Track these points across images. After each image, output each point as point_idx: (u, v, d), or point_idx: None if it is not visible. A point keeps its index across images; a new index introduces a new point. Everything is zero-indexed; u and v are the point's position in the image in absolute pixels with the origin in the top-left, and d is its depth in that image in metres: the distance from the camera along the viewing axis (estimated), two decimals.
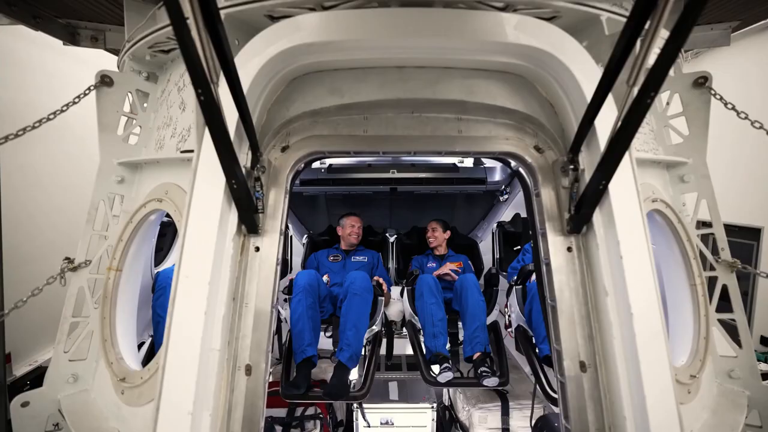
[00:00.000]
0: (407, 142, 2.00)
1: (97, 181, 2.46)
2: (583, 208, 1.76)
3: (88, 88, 2.37)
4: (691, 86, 2.40)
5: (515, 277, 3.64)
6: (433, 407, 3.84)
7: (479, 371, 3.21)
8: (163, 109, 2.51)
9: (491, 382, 3.16)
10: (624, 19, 1.42)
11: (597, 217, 1.77)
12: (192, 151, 1.78)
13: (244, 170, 1.79)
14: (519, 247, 4.34)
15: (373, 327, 3.70)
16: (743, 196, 6.45)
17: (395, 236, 4.82)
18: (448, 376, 3.23)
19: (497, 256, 4.27)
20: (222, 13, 1.46)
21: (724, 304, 2.46)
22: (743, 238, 6.48)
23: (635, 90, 1.31)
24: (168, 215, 2.32)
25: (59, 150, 5.04)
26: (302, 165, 2.26)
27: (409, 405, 3.84)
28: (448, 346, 3.59)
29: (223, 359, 1.80)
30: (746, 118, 2.28)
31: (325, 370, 4.25)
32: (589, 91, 1.73)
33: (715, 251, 2.50)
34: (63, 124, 3.11)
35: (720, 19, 3.05)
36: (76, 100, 2.31)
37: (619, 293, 1.68)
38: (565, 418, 1.89)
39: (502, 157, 2.32)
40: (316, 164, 4.55)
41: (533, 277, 3.58)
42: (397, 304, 4.29)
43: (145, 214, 2.32)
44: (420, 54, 1.91)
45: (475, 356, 3.34)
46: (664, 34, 1.11)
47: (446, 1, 1.76)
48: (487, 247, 4.80)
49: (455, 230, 4.76)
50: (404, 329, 4.25)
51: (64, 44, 3.12)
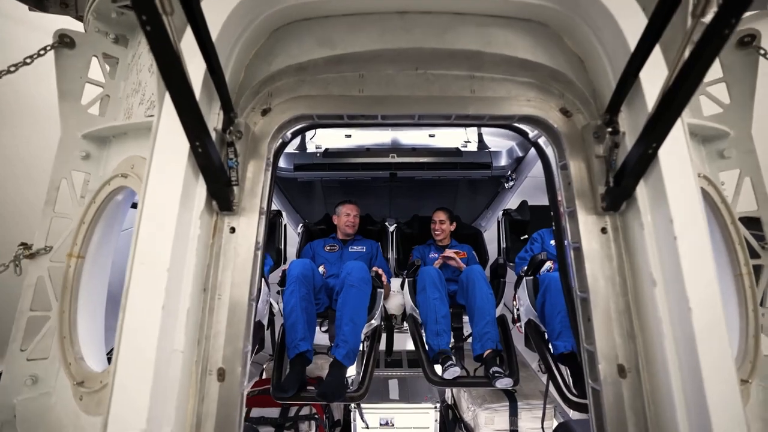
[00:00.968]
0: (410, 104, 1.65)
1: (57, 156, 2.11)
2: (624, 180, 1.42)
3: (44, 48, 2.02)
4: (734, 46, 2.05)
5: (525, 268, 3.30)
6: (436, 407, 3.53)
7: (491, 371, 2.88)
8: (132, 75, 2.16)
9: (504, 383, 2.83)
10: None
11: (641, 190, 1.43)
12: None
13: (214, 134, 1.45)
14: (526, 236, 4.00)
15: (372, 321, 3.37)
16: None
17: (395, 225, 4.48)
18: (455, 371, 2.90)
19: (504, 245, 3.93)
20: None
21: None
22: None
23: (703, 22, 0.97)
24: None
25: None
26: (289, 135, 1.92)
27: (410, 405, 3.52)
28: (452, 343, 3.27)
29: (191, 362, 1.47)
30: None
31: (321, 367, 3.93)
32: (632, 38, 1.39)
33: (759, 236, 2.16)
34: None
35: None
36: (28, 60, 1.96)
37: (672, 282, 1.34)
38: (598, 430, 1.56)
39: (516, 127, 1.98)
40: (311, 148, 4.20)
41: (545, 267, 3.25)
42: (397, 297, 3.95)
43: (109, 192, 1.97)
44: None
45: (486, 354, 3.01)
46: None
47: None
48: (491, 236, 4.45)
49: (458, 219, 4.42)
50: (405, 323, 3.93)
51: (30, 9, 2.76)
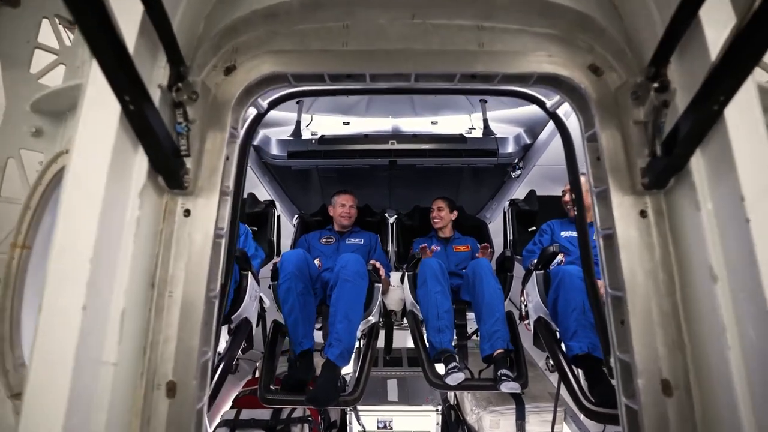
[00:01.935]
0: (405, 61, 1.32)
1: (1, 132, 1.81)
2: (676, 148, 1.09)
3: None
4: None
5: (534, 261, 2.97)
6: (437, 410, 3.21)
7: (499, 373, 2.57)
8: None
9: (511, 387, 2.51)
10: None
11: (697, 161, 1.09)
12: None
13: (157, 92, 1.13)
14: (534, 227, 3.66)
15: (369, 318, 3.06)
16: None
17: (395, 217, 4.15)
18: (459, 377, 2.58)
19: (510, 237, 3.59)
20: None
21: None
22: None
23: None
24: None
25: None
26: (265, 105, 1.60)
27: (410, 408, 3.21)
28: (455, 341, 2.95)
29: (133, 375, 1.16)
30: None
31: (317, 364, 3.63)
32: None
33: None
34: None
35: None
36: None
37: (740, 278, 1.01)
38: None
39: (532, 95, 1.65)
40: (306, 135, 3.87)
41: (556, 260, 2.92)
42: (397, 292, 3.64)
43: (56, 172, 1.66)
44: None
45: (496, 354, 2.69)
46: None
47: None
48: (496, 229, 4.12)
49: (462, 210, 4.09)
50: (405, 320, 3.62)
51: None
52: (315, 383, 2.55)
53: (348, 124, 4.17)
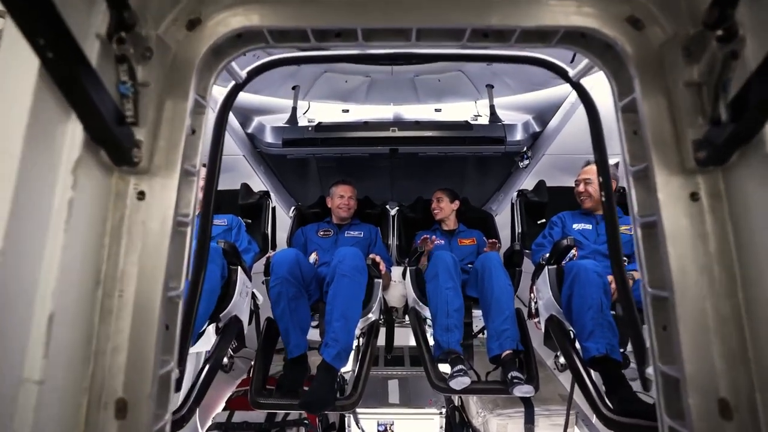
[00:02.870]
0: (405, 13, 1.08)
1: None
2: (747, 112, 0.85)
3: None
4: None
5: (546, 255, 2.73)
6: (441, 413, 2.99)
7: (510, 376, 2.34)
8: None
9: (524, 391, 2.29)
10: None
11: None
12: None
13: (96, 44, 0.90)
14: (543, 220, 3.42)
15: (369, 315, 2.84)
16: None
17: (397, 209, 3.91)
18: (464, 382, 2.36)
19: (519, 230, 3.35)
20: None
21: None
22: None
23: None
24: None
25: None
26: (243, 75, 1.37)
27: (412, 410, 2.99)
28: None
29: (71, 394, 0.94)
30: None
31: (313, 364, 3.41)
32: None
33: None
34: None
35: None
36: None
37: None
38: None
39: (552, 63, 1.41)
40: (303, 122, 3.64)
41: (571, 253, 2.68)
42: (398, 287, 3.41)
43: None
44: None
45: (504, 355, 2.47)
46: None
47: None
48: (503, 221, 3.88)
49: (466, 202, 3.85)
50: (407, 317, 3.39)
51: None
52: (309, 387, 2.33)
53: (347, 111, 3.94)
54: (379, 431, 2.98)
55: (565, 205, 3.31)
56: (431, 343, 2.75)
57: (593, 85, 1.56)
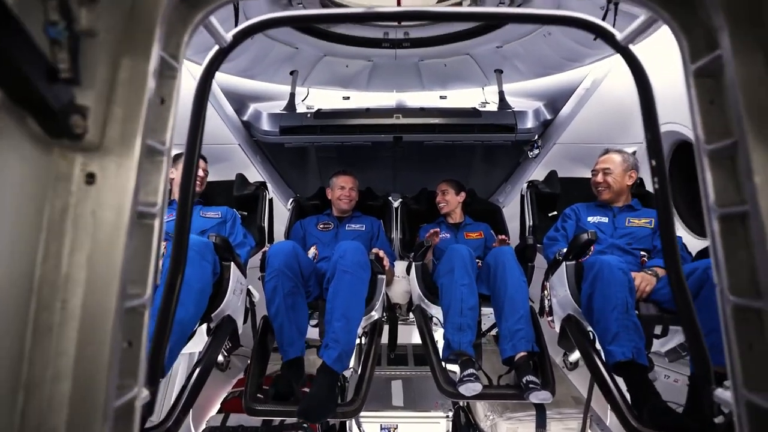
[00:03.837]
0: None
1: None
2: None
3: None
4: None
5: (563, 250, 2.50)
6: (448, 416, 2.78)
7: (524, 381, 2.13)
8: None
9: (542, 398, 2.07)
10: None
11: None
12: None
13: None
14: (555, 212, 3.18)
15: (372, 313, 2.62)
16: None
17: (400, 200, 3.67)
18: (475, 388, 2.14)
19: (530, 223, 3.12)
20: None
21: None
22: None
23: None
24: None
25: None
26: (229, 37, 1.12)
27: (417, 413, 2.77)
28: None
29: None
30: None
31: (313, 363, 3.20)
32: None
33: None
34: None
35: None
36: None
37: None
38: None
39: (592, 24, 1.16)
40: (301, 108, 3.39)
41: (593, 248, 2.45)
42: (402, 283, 3.19)
43: None
44: None
45: (518, 357, 2.25)
46: None
47: None
48: (510, 214, 3.64)
49: (473, 194, 3.61)
50: (411, 314, 3.17)
51: None
52: (307, 393, 2.10)
53: (348, 98, 3.69)
54: None
55: (577, 197, 3.08)
56: (439, 343, 2.54)
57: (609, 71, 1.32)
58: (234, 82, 3.25)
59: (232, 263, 2.34)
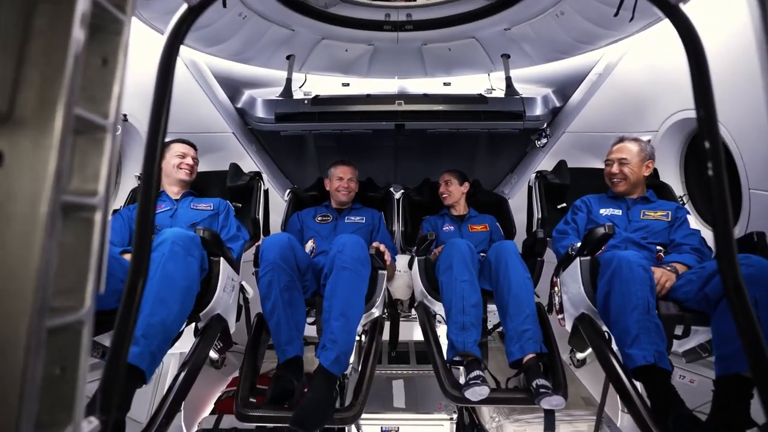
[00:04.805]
0: None
1: None
2: None
3: None
4: None
5: (577, 245, 2.30)
6: (452, 418, 2.60)
7: (535, 384, 1.94)
8: None
9: (555, 404, 1.89)
10: None
11: None
12: None
13: None
14: (564, 204, 2.98)
15: (372, 311, 2.44)
16: None
17: (402, 192, 3.47)
18: (482, 392, 1.95)
19: (538, 216, 2.91)
20: None
21: None
22: None
23: None
24: None
25: None
26: None
27: (419, 415, 2.59)
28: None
29: None
30: None
31: (310, 361, 3.03)
32: None
33: None
34: None
35: None
36: None
37: None
38: None
39: None
40: (298, 95, 3.18)
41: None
42: (404, 278, 3.00)
43: None
44: None
45: (527, 360, 2.06)
46: None
47: None
48: (517, 205, 3.44)
49: (478, 184, 3.41)
50: (413, 311, 2.99)
51: None
52: (303, 400, 1.92)
53: (347, 85, 3.47)
54: None
55: (586, 188, 2.88)
56: (442, 343, 2.36)
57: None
58: (227, 66, 3.04)
59: (222, 259, 2.14)
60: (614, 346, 2.02)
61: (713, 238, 1.02)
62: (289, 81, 3.08)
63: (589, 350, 2.50)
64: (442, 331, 2.64)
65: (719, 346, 1.77)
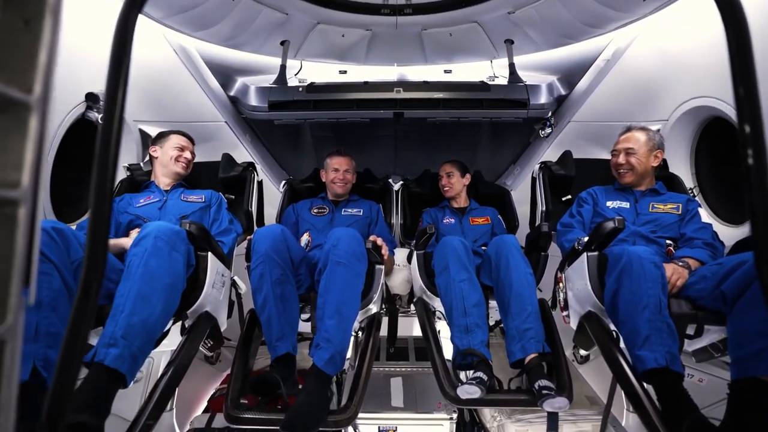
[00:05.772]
0: None
1: None
2: None
3: None
4: None
5: (583, 239, 2.17)
6: (452, 418, 2.49)
7: (538, 386, 1.83)
8: None
9: (558, 406, 1.78)
10: None
11: None
12: None
13: None
14: (569, 197, 2.84)
15: (370, 307, 2.32)
16: None
17: (401, 183, 3.33)
18: (470, 391, 1.85)
19: (543, 208, 2.78)
20: None
21: None
22: None
23: None
24: None
25: None
26: None
27: (418, 415, 2.49)
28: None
29: None
30: None
31: (305, 357, 2.92)
32: None
33: None
34: None
35: None
36: None
37: None
38: None
39: None
40: (293, 82, 3.03)
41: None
42: (402, 272, 2.87)
43: None
44: None
45: (529, 359, 1.95)
46: None
47: None
48: (519, 198, 3.31)
49: (479, 176, 3.27)
50: (412, 306, 2.87)
51: None
52: (294, 402, 1.81)
53: (345, 73, 3.32)
54: None
55: (592, 180, 2.74)
56: (442, 341, 2.25)
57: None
58: (218, 52, 2.89)
59: (210, 253, 2.02)
60: (622, 345, 1.91)
61: (750, 233, 0.89)
62: (283, 68, 2.94)
63: (594, 347, 2.39)
64: (441, 327, 2.53)
65: (736, 347, 1.65)
